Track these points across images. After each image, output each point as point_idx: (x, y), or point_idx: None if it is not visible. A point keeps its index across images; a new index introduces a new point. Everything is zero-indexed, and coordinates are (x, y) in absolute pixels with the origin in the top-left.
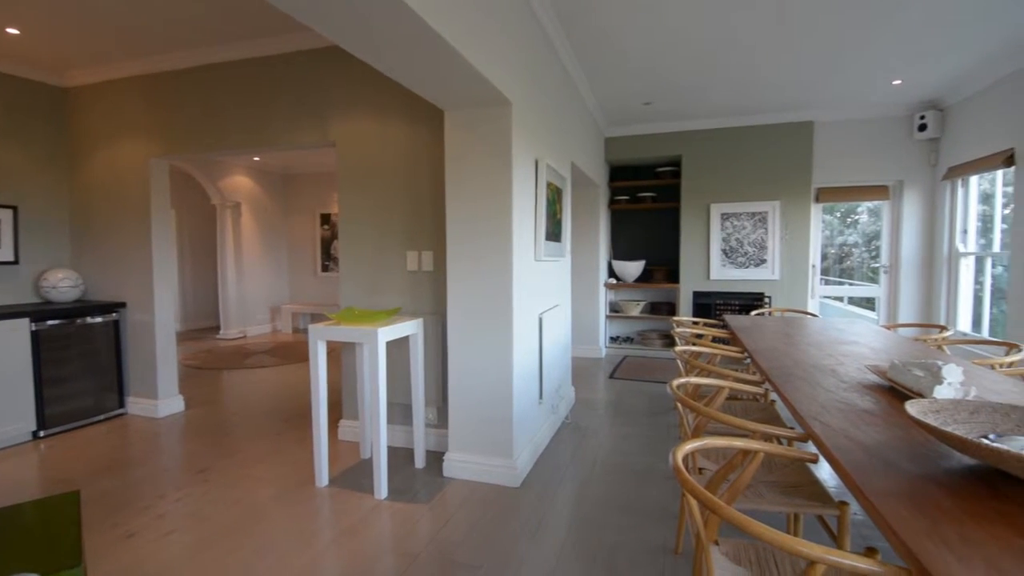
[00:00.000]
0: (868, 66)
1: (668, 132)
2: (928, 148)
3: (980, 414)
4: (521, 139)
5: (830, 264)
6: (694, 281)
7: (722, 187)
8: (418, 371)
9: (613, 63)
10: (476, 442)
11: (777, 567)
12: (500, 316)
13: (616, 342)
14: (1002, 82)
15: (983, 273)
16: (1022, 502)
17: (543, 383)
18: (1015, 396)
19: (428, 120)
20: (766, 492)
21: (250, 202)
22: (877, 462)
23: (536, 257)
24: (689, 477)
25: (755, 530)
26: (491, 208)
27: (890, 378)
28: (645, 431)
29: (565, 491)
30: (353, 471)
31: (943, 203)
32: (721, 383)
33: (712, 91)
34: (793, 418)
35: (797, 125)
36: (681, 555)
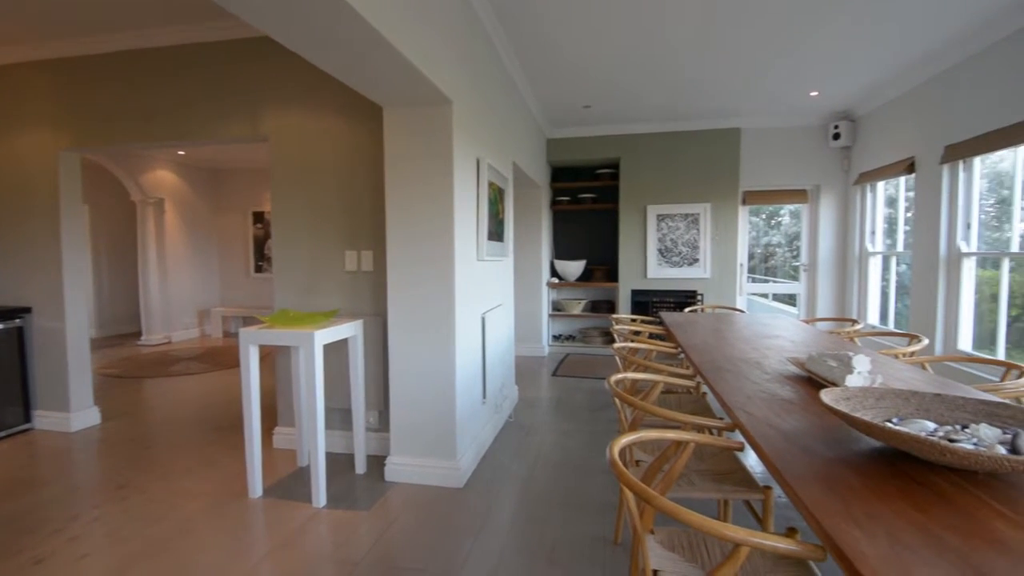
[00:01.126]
0: (788, 79)
1: (607, 135)
2: (841, 155)
3: (885, 400)
4: (462, 138)
5: (756, 263)
6: (632, 280)
7: (658, 189)
8: (358, 374)
9: (553, 65)
10: (419, 444)
11: (707, 551)
12: (442, 316)
13: (559, 340)
14: (905, 96)
15: (889, 271)
16: (920, 479)
17: (486, 383)
18: (916, 383)
19: (367, 116)
20: (698, 481)
21: (175, 198)
22: (796, 448)
23: (479, 257)
24: (625, 470)
25: (685, 518)
26: (432, 207)
27: (808, 369)
28: (587, 427)
29: (509, 489)
30: (289, 480)
31: (854, 207)
32: (656, 378)
33: (648, 96)
34: (722, 409)
35: (726, 131)
36: (620, 545)
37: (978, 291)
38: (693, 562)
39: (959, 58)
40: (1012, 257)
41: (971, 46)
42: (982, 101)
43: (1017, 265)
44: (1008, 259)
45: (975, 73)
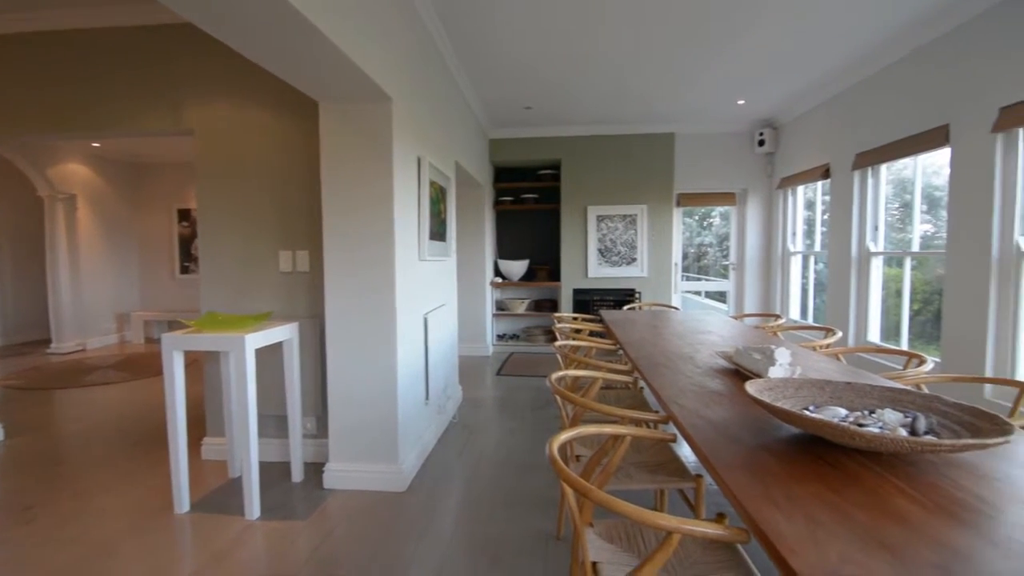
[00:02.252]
0: (718, 88)
1: (549, 136)
2: (766, 161)
3: (803, 389)
4: (403, 136)
5: (690, 262)
6: (574, 279)
7: (598, 191)
8: (293, 379)
9: (494, 65)
10: (359, 449)
11: (644, 541)
12: (383, 317)
13: (503, 339)
14: (821, 107)
15: (808, 269)
16: (833, 462)
17: (429, 384)
18: (830, 372)
19: (302, 111)
20: (635, 473)
21: (89, 194)
22: (723, 437)
23: (420, 257)
24: (564, 466)
25: (621, 509)
26: (372, 206)
27: (735, 362)
28: (530, 425)
29: (452, 490)
30: (220, 492)
31: (777, 209)
32: (596, 374)
33: (587, 100)
34: (658, 402)
35: (661, 136)
36: (562, 540)
37: (885, 287)
38: (630, 552)
39: (868, 73)
40: (913, 256)
41: (877, 62)
42: (887, 113)
43: (918, 264)
44: (910, 258)
45: (881, 87)
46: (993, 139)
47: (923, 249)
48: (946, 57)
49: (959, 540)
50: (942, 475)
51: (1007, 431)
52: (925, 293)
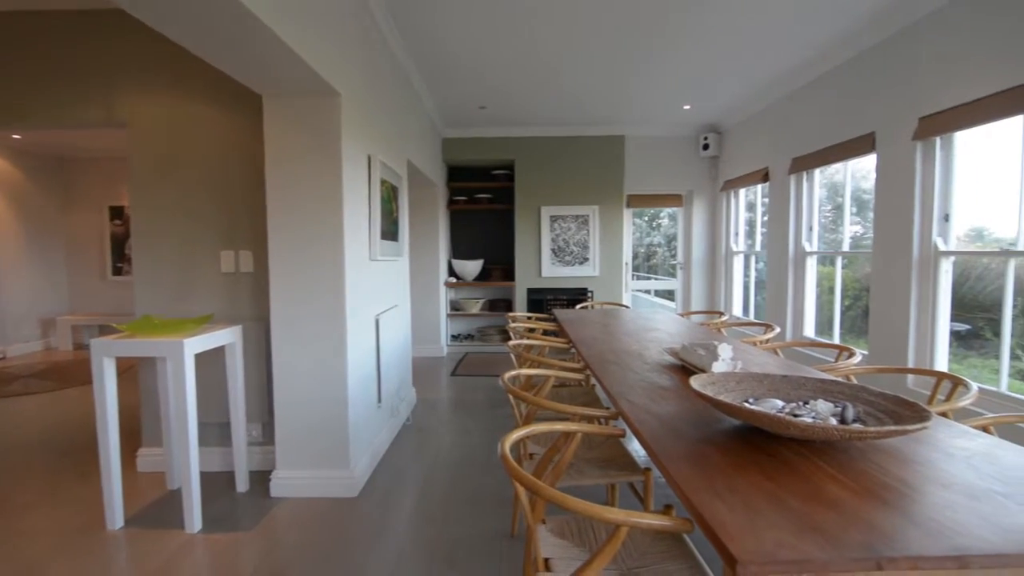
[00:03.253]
0: (664, 92)
1: (503, 137)
2: (710, 164)
3: (744, 383)
4: (352, 133)
5: (640, 262)
6: (528, 279)
7: (551, 191)
8: (237, 384)
9: (447, 64)
10: (308, 456)
11: (595, 535)
12: (332, 319)
13: (458, 340)
14: (760, 113)
15: (750, 268)
16: (770, 451)
17: (381, 386)
18: (769, 366)
19: (245, 104)
20: (586, 468)
21: (8, 190)
22: (669, 431)
23: (371, 257)
24: (515, 464)
25: (571, 505)
26: (319, 205)
27: (681, 358)
28: (486, 424)
29: (406, 493)
30: (157, 505)
31: (721, 211)
32: (548, 373)
33: (540, 102)
34: (608, 399)
35: (612, 138)
36: (516, 537)
37: (819, 285)
38: (582, 546)
39: (802, 82)
40: (844, 256)
41: (811, 73)
42: (820, 120)
43: (849, 262)
44: (841, 257)
45: (814, 96)
46: (914, 146)
47: (853, 249)
48: (872, 69)
49: (884, 521)
50: (869, 460)
51: (925, 418)
52: (855, 290)
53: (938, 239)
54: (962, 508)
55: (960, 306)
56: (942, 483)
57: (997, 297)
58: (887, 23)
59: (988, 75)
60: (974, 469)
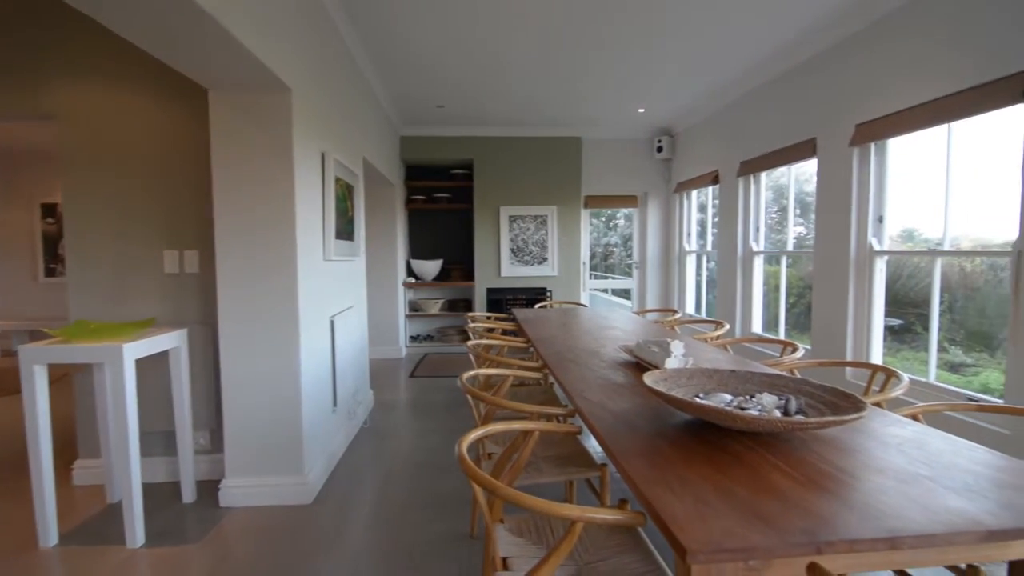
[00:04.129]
0: (619, 95)
1: (461, 136)
2: (664, 167)
3: (695, 378)
4: (305, 130)
5: (597, 261)
6: (488, 279)
7: (509, 191)
8: (182, 391)
9: (403, 62)
10: (260, 463)
11: (552, 532)
12: (284, 321)
13: (417, 341)
14: (711, 117)
15: (702, 267)
16: (719, 444)
17: (337, 389)
18: (719, 362)
19: (190, 97)
20: (545, 466)
21: None
22: (624, 427)
23: (326, 256)
24: (471, 464)
25: (527, 503)
26: (271, 203)
27: (636, 355)
28: (445, 425)
29: (363, 497)
30: (96, 521)
31: (674, 212)
32: (506, 372)
33: (498, 102)
34: (565, 397)
35: (569, 140)
36: (476, 538)
37: (766, 283)
38: (540, 544)
39: (749, 88)
40: (788, 255)
41: (757, 79)
42: (766, 125)
43: (793, 261)
44: (786, 257)
45: (761, 102)
46: (851, 152)
47: (797, 249)
48: (813, 78)
49: (824, 508)
50: (810, 450)
51: (861, 408)
52: (799, 288)
53: (873, 239)
54: (894, 492)
55: (894, 302)
56: (876, 469)
57: (926, 294)
58: (826, 36)
59: (914, 88)
60: (905, 455)
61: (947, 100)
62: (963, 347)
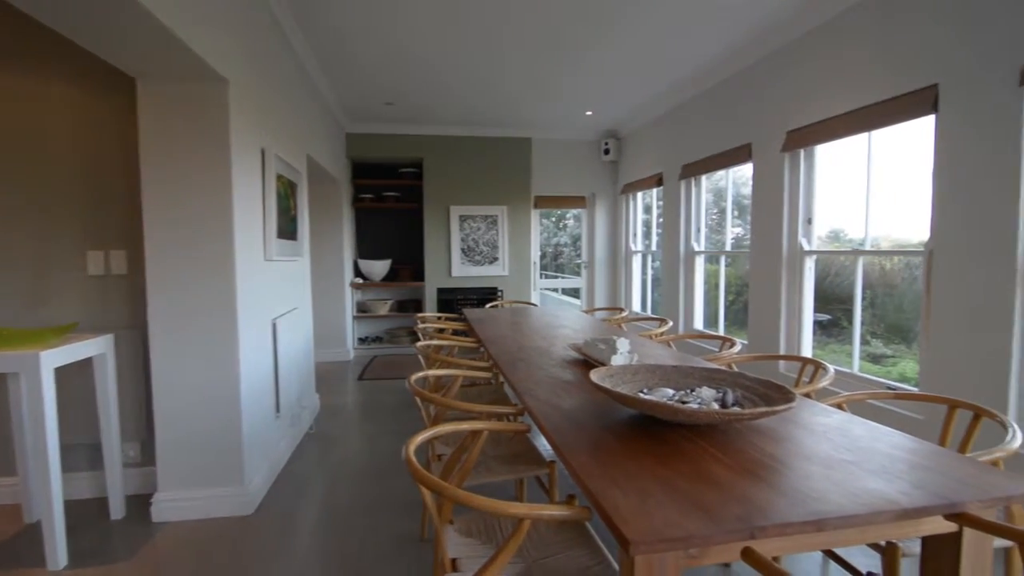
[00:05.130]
0: (568, 98)
1: (411, 134)
2: (611, 168)
3: (639, 374)
4: (243, 124)
5: (548, 261)
6: (438, 279)
7: (460, 191)
8: (109, 400)
9: (349, 58)
10: (196, 474)
11: (502, 530)
12: (221, 325)
13: (365, 343)
14: (654, 121)
15: (647, 266)
16: (662, 437)
17: (280, 394)
18: (662, 358)
19: (118, 87)
20: (495, 465)
21: None
22: (571, 423)
23: (267, 256)
24: (418, 466)
25: (475, 503)
26: (206, 201)
27: (584, 353)
28: (395, 428)
29: (309, 505)
30: (12, 542)
31: (621, 213)
32: (456, 372)
33: (448, 101)
34: (515, 395)
35: (519, 140)
36: (426, 541)
37: (707, 282)
38: (489, 543)
39: (691, 94)
40: (727, 255)
41: (698, 86)
42: (706, 130)
43: (732, 261)
44: (725, 256)
45: (701, 107)
46: (782, 157)
47: (735, 248)
48: (749, 86)
49: (758, 494)
50: (746, 440)
51: (791, 399)
52: (737, 286)
53: (803, 240)
54: (820, 477)
55: (822, 299)
56: (804, 456)
57: (851, 291)
58: (760, 48)
59: (838, 98)
60: (830, 442)
61: (867, 110)
62: (883, 340)
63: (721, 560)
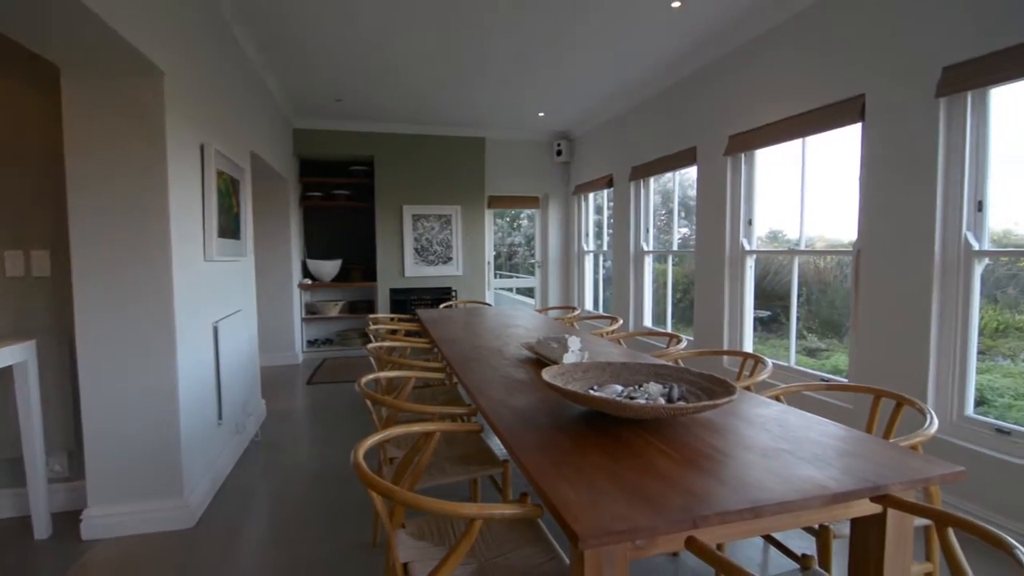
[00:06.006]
0: (519, 98)
1: (361, 131)
2: (563, 169)
3: (590, 372)
4: (181, 118)
5: (502, 260)
6: (391, 279)
7: (413, 190)
8: (31, 411)
9: (297, 53)
10: (130, 487)
11: (455, 532)
12: (157, 329)
13: (315, 345)
14: (605, 124)
15: (599, 266)
16: (611, 433)
17: (222, 401)
18: (612, 355)
19: (41, 75)
20: (448, 467)
21: None
22: (523, 422)
23: (207, 257)
24: (367, 471)
25: (425, 506)
26: (140, 199)
27: (536, 352)
28: (345, 433)
29: (255, 516)
30: None
31: (573, 213)
32: (408, 374)
33: (401, 98)
34: (468, 396)
35: (473, 140)
36: (379, 547)
37: (655, 280)
38: (441, 546)
39: (640, 99)
40: (674, 254)
41: (647, 91)
42: (654, 133)
43: (679, 260)
44: (672, 256)
45: (650, 111)
46: (725, 160)
47: (681, 248)
48: (695, 91)
49: (700, 484)
50: (691, 433)
51: (732, 392)
52: (684, 284)
53: (744, 240)
54: (758, 466)
55: (762, 296)
56: (745, 446)
57: (788, 288)
58: (705, 54)
59: (776, 105)
60: (768, 432)
61: (802, 117)
62: (818, 334)
63: (667, 550)
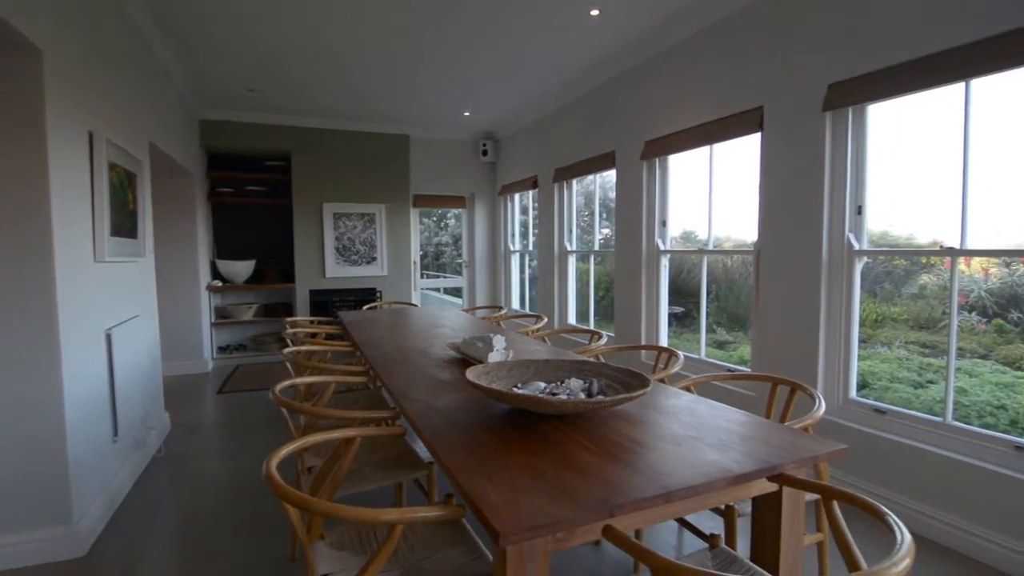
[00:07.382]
0: (443, 96)
1: (278, 125)
2: (489, 170)
3: (515, 370)
4: (64, 103)
5: (429, 260)
6: (310, 280)
7: (334, 187)
8: None
9: (205, 37)
10: (10, 516)
11: (376, 539)
12: (37, 338)
13: (227, 351)
14: (529, 126)
15: (525, 265)
16: (533, 429)
17: (118, 416)
18: (537, 353)
19: None
20: (370, 472)
21: None
22: (447, 422)
23: (98, 257)
24: (280, 483)
25: (343, 515)
26: (14, 193)
27: (462, 351)
28: (262, 443)
29: (157, 537)
30: None
31: (500, 213)
32: (327, 379)
33: (321, 91)
34: (391, 399)
35: (397, 137)
36: (298, 561)
37: (578, 279)
38: (362, 554)
39: (562, 102)
40: (596, 254)
41: (568, 95)
42: (576, 136)
43: (601, 259)
44: (594, 255)
45: (571, 115)
46: (641, 165)
47: (602, 248)
48: (614, 97)
49: (617, 475)
50: (609, 426)
51: (646, 384)
52: (606, 283)
53: (659, 240)
54: (670, 454)
55: (676, 293)
56: (658, 436)
57: (699, 286)
58: (623, 61)
59: (685, 113)
60: (679, 421)
61: (709, 125)
62: (726, 328)
63: (586, 540)
